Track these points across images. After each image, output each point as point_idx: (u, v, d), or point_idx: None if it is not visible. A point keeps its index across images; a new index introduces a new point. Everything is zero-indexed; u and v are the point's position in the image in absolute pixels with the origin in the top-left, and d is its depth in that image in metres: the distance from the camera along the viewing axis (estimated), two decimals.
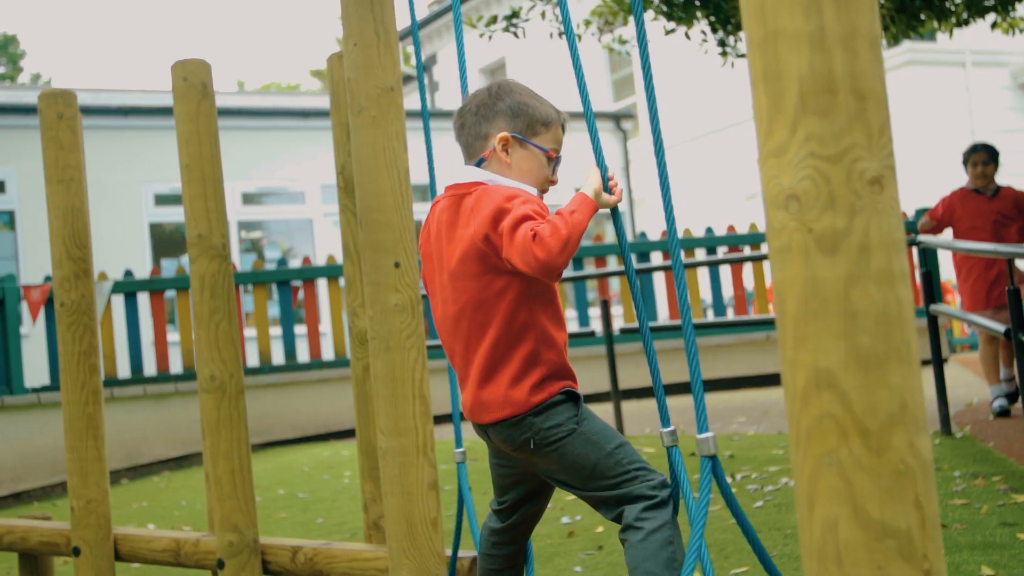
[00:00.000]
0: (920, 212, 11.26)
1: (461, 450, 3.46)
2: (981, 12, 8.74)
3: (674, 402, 9.16)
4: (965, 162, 8.47)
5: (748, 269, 12.57)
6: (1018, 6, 8.89)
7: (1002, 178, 18.03)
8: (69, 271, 4.84)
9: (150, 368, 13.34)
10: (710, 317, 12.68)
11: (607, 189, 2.97)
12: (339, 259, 14.30)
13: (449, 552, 3.80)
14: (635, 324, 9.43)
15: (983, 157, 8.37)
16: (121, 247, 16.12)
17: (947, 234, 8.92)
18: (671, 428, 2.60)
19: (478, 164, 3.25)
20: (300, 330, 13.95)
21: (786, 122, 1.46)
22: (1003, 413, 7.90)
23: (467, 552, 3.79)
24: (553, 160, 3.19)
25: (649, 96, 2.89)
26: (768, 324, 11.89)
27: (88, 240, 4.91)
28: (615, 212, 3.00)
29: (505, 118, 3.24)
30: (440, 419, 10.94)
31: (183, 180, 4.40)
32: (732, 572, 4.79)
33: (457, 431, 3.60)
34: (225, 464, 4.23)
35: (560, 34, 8.54)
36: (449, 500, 6.59)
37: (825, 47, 1.43)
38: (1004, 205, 8.23)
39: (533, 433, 3.09)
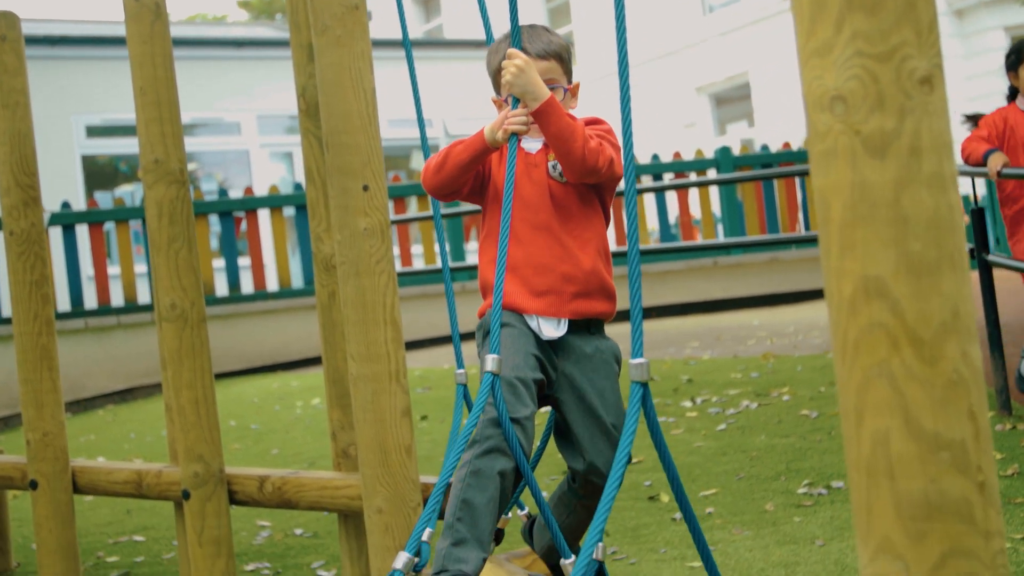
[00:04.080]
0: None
1: (463, 371, 3.41)
2: None
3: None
4: (1014, 66, 6.19)
5: (694, 195, 12.55)
6: None
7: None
8: (17, 199, 4.69)
9: (91, 302, 13.12)
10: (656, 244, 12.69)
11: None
12: (282, 190, 14.13)
13: (424, 478, 3.74)
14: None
15: None
16: (53, 180, 15.77)
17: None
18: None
19: None
20: (243, 262, 13.78)
21: (830, 20, 1.39)
22: None
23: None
24: (500, 107, 3.08)
25: (619, 19, 2.80)
26: (715, 249, 11.93)
27: (36, 167, 4.76)
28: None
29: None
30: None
31: (137, 104, 4.26)
32: (701, 494, 4.79)
33: (457, 351, 3.56)
34: (188, 394, 4.14)
35: None
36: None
37: None
38: None
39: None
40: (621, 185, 2.92)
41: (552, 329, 2.87)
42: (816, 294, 12.22)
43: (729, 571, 3.86)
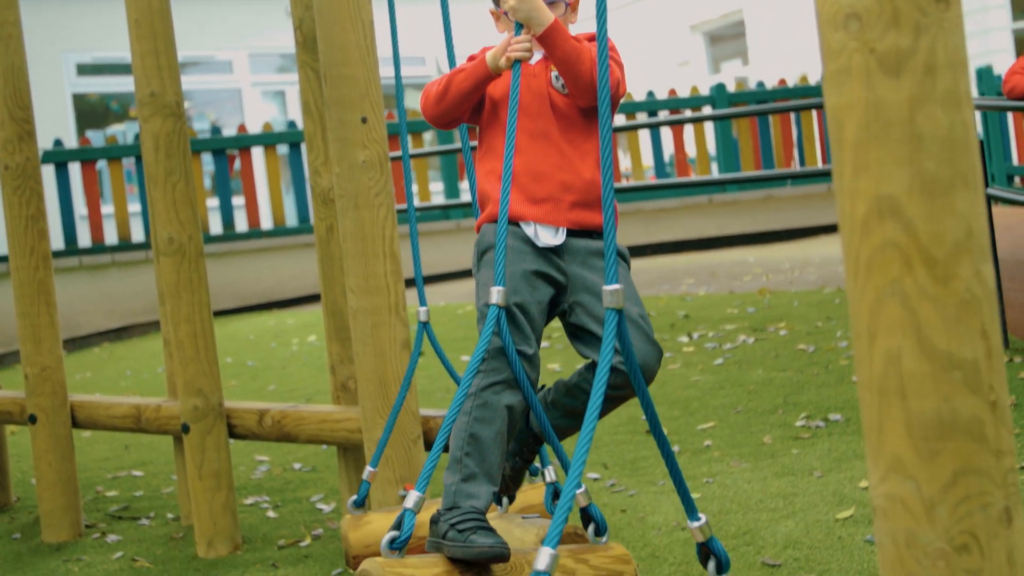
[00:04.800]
0: None
1: (425, 308, 3.37)
2: None
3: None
4: None
5: (689, 133, 12.50)
6: None
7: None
8: (12, 132, 4.66)
9: (84, 240, 13.08)
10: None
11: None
12: (276, 127, 14.06)
13: (424, 411, 3.75)
14: None
15: None
16: (43, 119, 15.64)
17: None
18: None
19: None
20: (237, 201, 13.74)
21: None
22: None
23: (441, 411, 3.75)
24: (498, 19, 3.02)
25: None
26: (710, 186, 11.91)
27: (30, 100, 4.72)
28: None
29: None
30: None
31: (132, 37, 4.21)
32: (698, 427, 4.81)
33: (420, 289, 3.51)
34: (187, 328, 4.14)
35: None
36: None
37: None
38: None
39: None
40: (620, 120, 2.89)
41: (550, 236, 2.78)
42: (811, 231, 12.22)
43: (728, 502, 3.88)
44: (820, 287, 7.82)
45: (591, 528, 2.64)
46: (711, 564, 2.38)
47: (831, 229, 12.21)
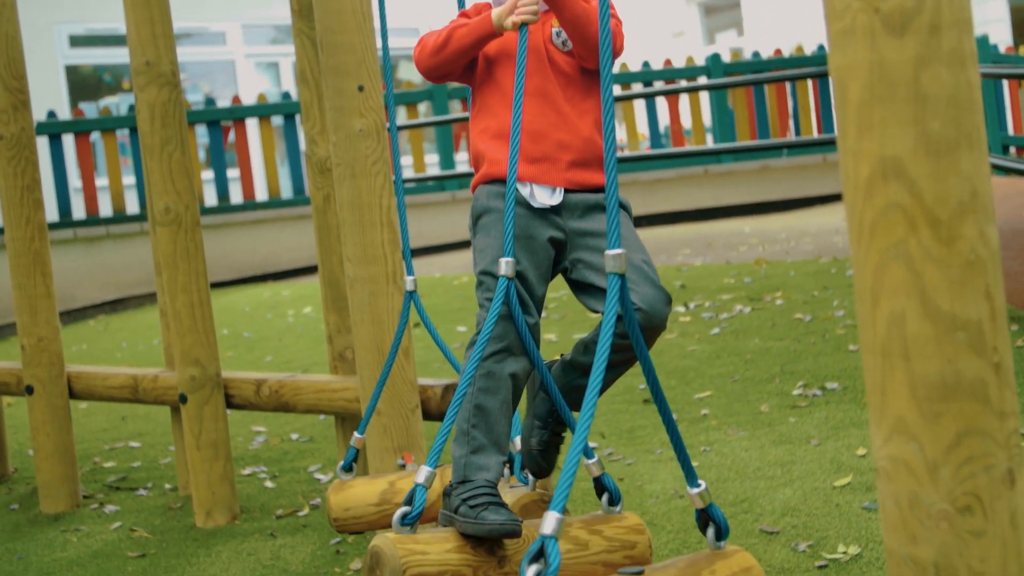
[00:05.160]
0: None
1: (412, 277, 3.34)
2: None
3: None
4: None
5: (685, 105, 12.47)
6: None
7: None
8: (7, 102, 4.64)
9: (79, 212, 13.05)
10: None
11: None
12: (270, 99, 13.98)
13: (422, 380, 3.75)
14: None
15: None
16: (36, 91, 15.58)
17: None
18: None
19: None
20: (232, 174, 13.70)
21: None
22: None
23: (439, 380, 3.75)
24: None
25: None
26: (706, 156, 11.89)
27: (24, 70, 4.70)
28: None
29: None
30: None
31: (127, 5, 4.19)
32: (695, 396, 4.82)
33: (407, 259, 3.48)
34: (184, 298, 4.13)
35: None
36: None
37: None
38: None
39: None
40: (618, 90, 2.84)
41: (547, 196, 2.70)
42: (806, 202, 12.21)
43: (726, 470, 3.89)
44: (816, 257, 7.81)
45: (605, 498, 2.61)
46: (710, 530, 2.37)
47: (827, 200, 12.20)
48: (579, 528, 2.55)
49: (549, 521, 1.96)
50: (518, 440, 3.02)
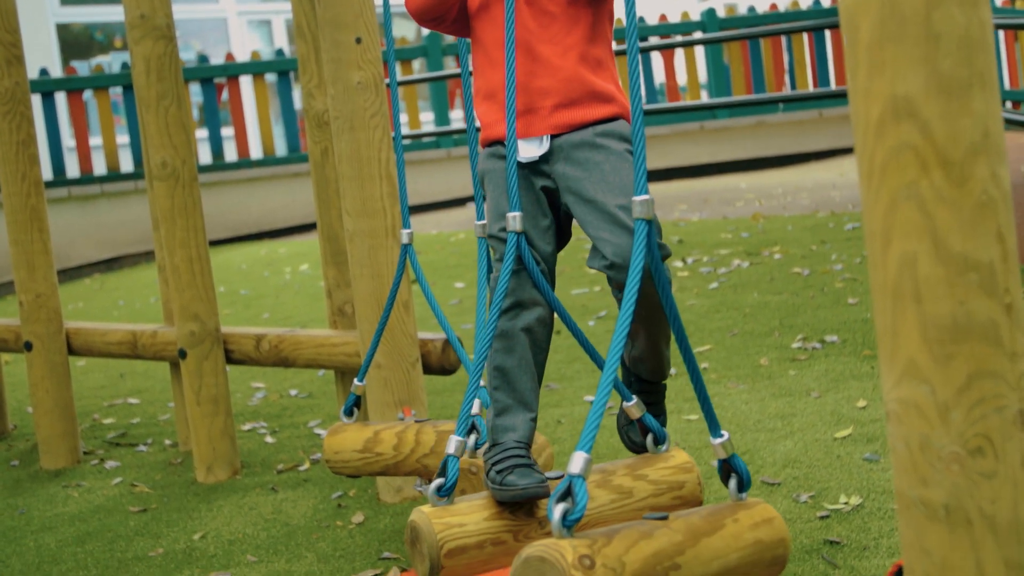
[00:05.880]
0: None
1: (409, 231, 3.29)
2: None
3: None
4: None
5: (680, 61, 12.41)
6: None
7: None
8: (0, 57, 4.60)
9: (73, 171, 12.99)
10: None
11: None
12: (264, 55, 13.89)
13: (422, 334, 3.74)
14: None
15: None
16: (28, 50, 15.45)
17: None
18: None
19: None
20: (226, 132, 13.64)
21: None
22: None
23: (439, 334, 3.74)
24: None
25: None
26: (701, 111, 11.84)
27: (17, 24, 4.67)
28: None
29: None
30: None
31: None
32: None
33: (404, 212, 3.44)
34: (182, 253, 4.12)
35: None
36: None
37: None
38: None
39: None
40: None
41: (533, 148, 2.62)
42: (802, 158, 12.18)
43: (727, 423, 3.90)
44: (814, 211, 7.80)
45: (649, 438, 2.58)
46: (732, 481, 2.34)
47: (823, 155, 12.17)
48: (623, 475, 2.51)
49: (576, 460, 1.96)
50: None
